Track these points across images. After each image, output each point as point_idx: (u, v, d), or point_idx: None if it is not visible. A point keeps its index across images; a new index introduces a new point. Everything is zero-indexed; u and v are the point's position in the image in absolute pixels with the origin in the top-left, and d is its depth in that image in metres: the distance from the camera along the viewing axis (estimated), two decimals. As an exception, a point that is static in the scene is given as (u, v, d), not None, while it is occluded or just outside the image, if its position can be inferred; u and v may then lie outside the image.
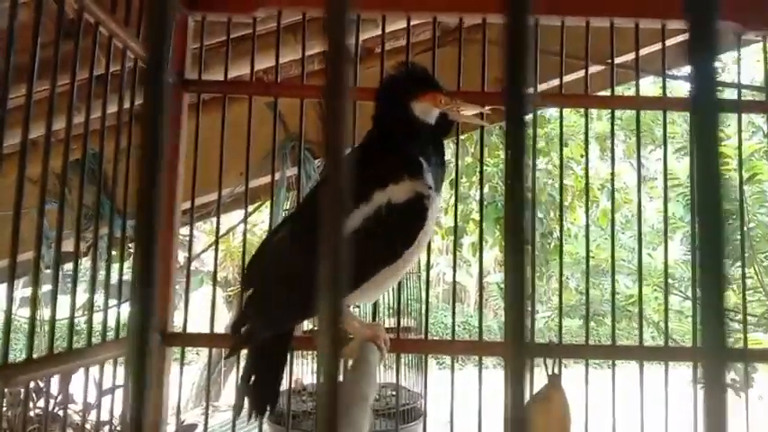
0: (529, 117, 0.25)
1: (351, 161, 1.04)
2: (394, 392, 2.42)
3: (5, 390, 1.00)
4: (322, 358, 0.24)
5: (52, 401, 1.81)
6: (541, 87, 1.86)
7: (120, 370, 1.42)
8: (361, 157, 1.17)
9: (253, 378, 1.18)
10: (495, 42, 1.55)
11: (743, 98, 1.63)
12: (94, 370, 1.33)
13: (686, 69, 1.66)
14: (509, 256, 0.25)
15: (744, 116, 1.62)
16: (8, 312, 1.00)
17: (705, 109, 0.24)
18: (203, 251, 3.37)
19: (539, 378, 1.31)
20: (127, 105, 1.36)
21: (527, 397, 0.25)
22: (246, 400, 1.19)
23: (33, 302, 1.08)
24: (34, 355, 1.08)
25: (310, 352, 2.94)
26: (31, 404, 1.53)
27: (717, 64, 0.25)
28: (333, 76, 0.26)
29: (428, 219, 1.14)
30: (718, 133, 0.24)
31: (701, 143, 0.24)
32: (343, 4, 0.26)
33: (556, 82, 1.60)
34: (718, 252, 0.23)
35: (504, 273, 0.25)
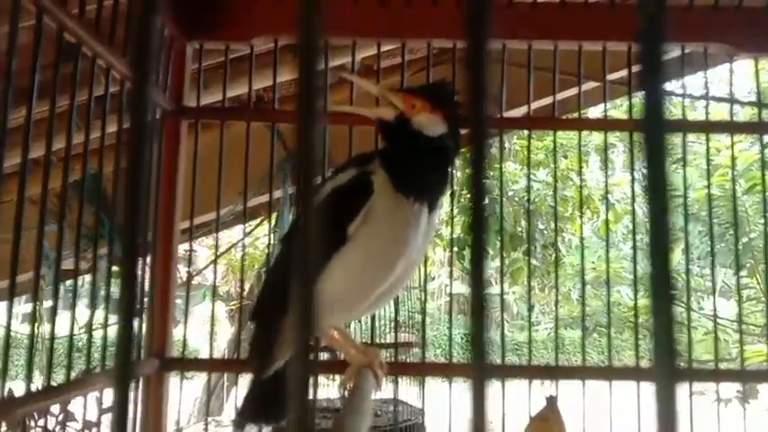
0: (491, 140, 0.27)
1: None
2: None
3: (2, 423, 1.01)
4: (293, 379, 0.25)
5: (53, 420, 1.81)
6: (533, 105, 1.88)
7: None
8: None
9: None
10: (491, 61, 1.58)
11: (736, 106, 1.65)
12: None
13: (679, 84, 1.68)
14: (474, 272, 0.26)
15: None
16: (5, 346, 1.01)
17: (653, 130, 0.26)
18: (204, 268, 3.38)
19: (536, 399, 1.32)
20: (116, 127, 1.36)
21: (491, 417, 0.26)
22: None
23: (32, 328, 1.08)
24: (33, 380, 1.08)
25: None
26: (32, 422, 1.54)
27: (665, 86, 0.26)
28: (304, 103, 0.27)
29: (377, 195, 1.10)
30: (666, 154, 0.26)
31: (650, 163, 0.26)
32: (315, 32, 0.27)
33: (547, 101, 1.62)
34: (667, 275, 0.24)
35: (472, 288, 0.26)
